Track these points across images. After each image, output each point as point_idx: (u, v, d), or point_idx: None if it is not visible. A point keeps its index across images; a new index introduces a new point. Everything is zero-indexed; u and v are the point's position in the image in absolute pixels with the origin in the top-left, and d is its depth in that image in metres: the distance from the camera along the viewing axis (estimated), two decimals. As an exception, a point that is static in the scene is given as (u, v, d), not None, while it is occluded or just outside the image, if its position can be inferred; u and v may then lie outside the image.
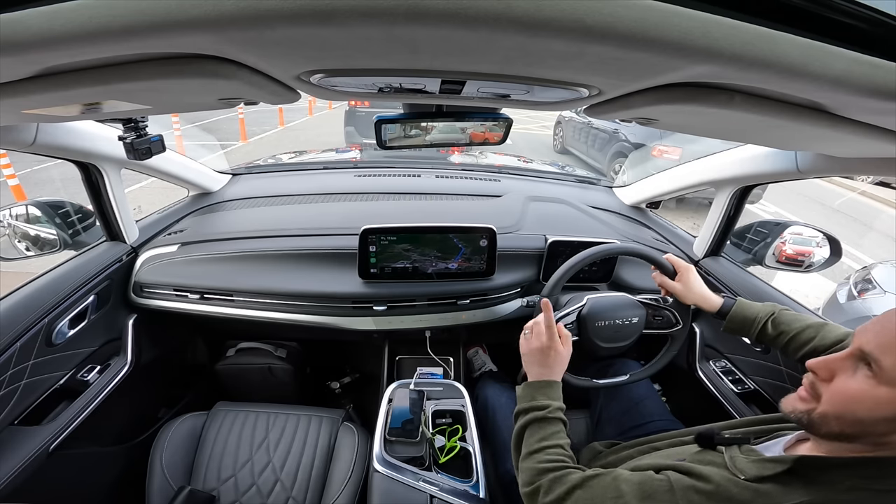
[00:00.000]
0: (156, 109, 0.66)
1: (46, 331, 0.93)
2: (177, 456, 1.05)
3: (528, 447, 0.71)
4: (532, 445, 0.71)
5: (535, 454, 0.69)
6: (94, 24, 0.27)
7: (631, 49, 0.28)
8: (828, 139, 0.57)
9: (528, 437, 0.73)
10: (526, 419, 0.74)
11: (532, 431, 0.73)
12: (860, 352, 0.46)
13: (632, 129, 4.98)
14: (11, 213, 1.02)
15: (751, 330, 0.86)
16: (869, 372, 0.45)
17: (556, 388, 0.78)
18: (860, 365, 0.46)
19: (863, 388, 0.45)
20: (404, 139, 0.70)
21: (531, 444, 0.71)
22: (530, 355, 0.82)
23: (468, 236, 1.13)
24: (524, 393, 0.79)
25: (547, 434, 0.72)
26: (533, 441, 0.71)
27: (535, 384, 0.79)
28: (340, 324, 1.17)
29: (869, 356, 0.45)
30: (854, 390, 0.46)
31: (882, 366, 0.43)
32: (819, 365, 0.50)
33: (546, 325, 0.82)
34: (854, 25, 0.28)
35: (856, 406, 0.46)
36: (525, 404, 0.77)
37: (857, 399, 0.45)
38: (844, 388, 0.47)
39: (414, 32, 0.28)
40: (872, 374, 0.44)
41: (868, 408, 0.44)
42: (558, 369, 0.81)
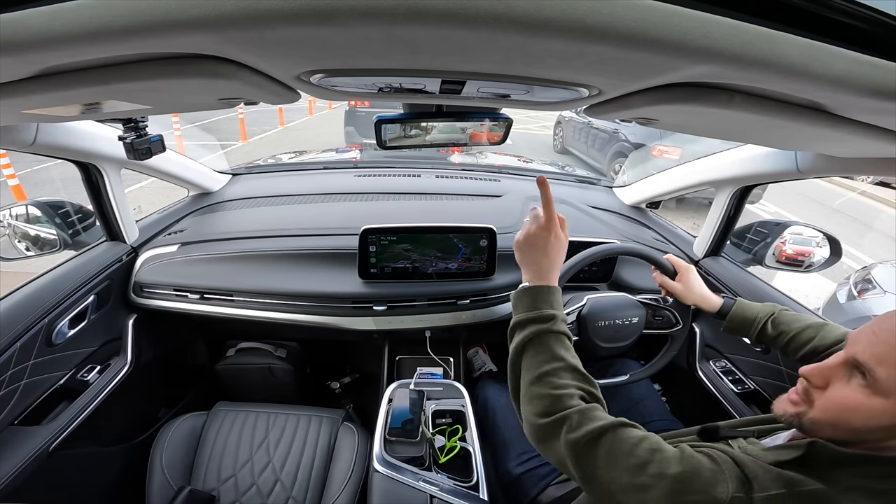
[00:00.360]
0: (156, 109, 0.66)
1: (46, 331, 0.93)
2: (177, 456, 1.05)
3: (538, 368, 0.59)
4: (542, 366, 0.59)
5: (548, 377, 0.58)
6: (94, 24, 0.27)
7: (631, 49, 0.28)
8: (828, 139, 0.57)
9: (534, 356, 0.61)
10: (529, 332, 0.62)
11: (539, 348, 0.61)
12: (854, 360, 0.46)
13: (632, 129, 4.98)
14: (11, 213, 1.02)
15: (751, 330, 0.86)
16: (863, 381, 0.44)
17: (557, 296, 0.66)
18: (854, 373, 0.46)
19: (857, 399, 0.44)
20: (404, 139, 0.70)
21: (541, 365, 0.59)
22: (527, 242, 0.69)
23: (468, 236, 1.13)
24: (522, 299, 0.65)
25: (558, 353, 0.60)
26: (542, 360, 0.60)
27: (534, 290, 0.66)
28: (340, 324, 1.17)
29: (863, 366, 0.44)
30: (848, 400, 0.45)
31: (876, 377, 0.43)
32: (813, 372, 0.50)
33: (544, 204, 0.68)
34: (854, 25, 0.28)
35: (850, 415, 0.45)
36: (525, 314, 0.63)
37: (850, 409, 0.45)
38: (839, 397, 0.46)
39: (414, 32, 0.28)
40: (866, 384, 0.44)
41: (863, 417, 0.44)
42: (558, 261, 0.69)
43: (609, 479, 0.50)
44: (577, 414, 0.54)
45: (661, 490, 0.46)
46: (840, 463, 0.46)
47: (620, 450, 0.50)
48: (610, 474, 0.50)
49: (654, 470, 0.48)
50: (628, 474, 0.49)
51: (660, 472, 0.47)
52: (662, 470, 0.47)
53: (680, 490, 0.46)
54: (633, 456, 0.50)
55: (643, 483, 0.47)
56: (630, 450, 0.50)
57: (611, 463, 0.50)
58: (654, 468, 0.48)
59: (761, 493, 0.44)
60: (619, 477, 0.49)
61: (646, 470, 0.48)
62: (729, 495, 0.44)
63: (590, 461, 0.51)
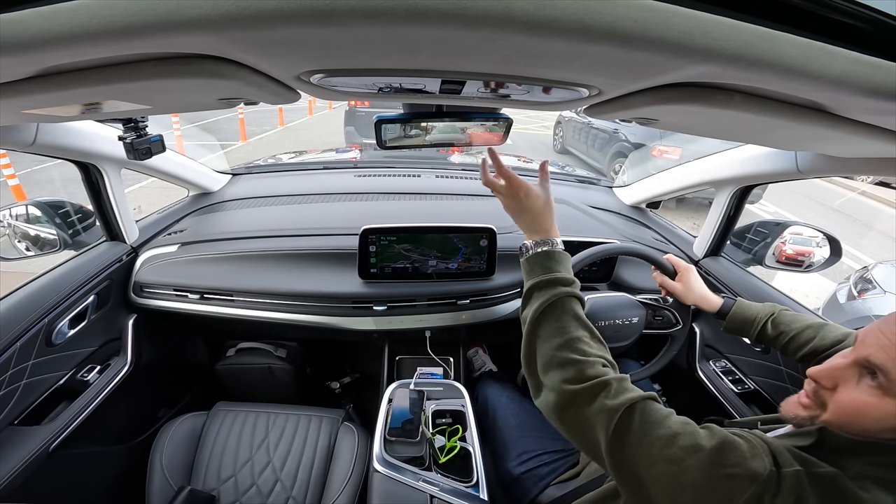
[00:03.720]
0: (156, 109, 0.66)
1: (46, 331, 0.93)
2: (177, 456, 1.05)
3: (566, 333, 0.57)
4: (570, 331, 0.57)
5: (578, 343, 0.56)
6: (94, 24, 0.27)
7: (631, 49, 0.28)
8: (828, 139, 0.57)
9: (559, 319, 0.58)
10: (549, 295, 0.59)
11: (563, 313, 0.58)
12: (866, 362, 0.45)
13: (632, 129, 4.98)
14: (11, 213, 1.02)
15: (751, 330, 0.86)
16: (873, 382, 0.44)
17: (569, 262, 0.65)
18: (864, 374, 0.46)
19: (869, 401, 0.44)
20: (404, 139, 0.70)
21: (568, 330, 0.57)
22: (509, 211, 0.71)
23: (468, 236, 1.13)
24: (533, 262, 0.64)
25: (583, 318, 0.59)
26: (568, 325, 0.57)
27: (547, 253, 0.64)
28: (340, 324, 1.17)
29: (876, 367, 0.44)
30: (860, 402, 0.45)
31: (891, 378, 0.43)
32: (821, 374, 0.49)
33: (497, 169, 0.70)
34: (854, 25, 0.28)
35: (862, 418, 0.45)
36: (544, 276, 0.61)
37: (863, 411, 0.45)
38: (850, 399, 0.46)
39: (414, 33, 0.28)
40: (878, 385, 0.44)
41: (875, 419, 0.44)
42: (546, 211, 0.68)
43: (639, 450, 0.49)
44: (615, 381, 0.53)
45: (697, 462, 0.46)
46: (850, 450, 0.46)
47: (652, 419, 0.50)
48: (640, 445, 0.49)
49: (686, 442, 0.47)
50: (659, 445, 0.48)
51: (693, 444, 0.47)
52: (696, 441, 0.47)
53: (717, 462, 0.45)
54: (664, 427, 0.49)
55: (673, 455, 0.47)
56: (661, 420, 0.50)
57: (644, 432, 0.49)
58: (687, 440, 0.47)
59: (788, 469, 0.44)
60: (650, 447, 0.48)
61: (676, 441, 0.47)
62: (766, 468, 0.44)
63: (625, 429, 0.50)
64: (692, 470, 0.46)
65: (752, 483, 0.43)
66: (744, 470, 0.44)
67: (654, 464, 0.48)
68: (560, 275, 0.62)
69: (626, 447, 0.50)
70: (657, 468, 0.47)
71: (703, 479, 0.45)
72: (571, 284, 0.62)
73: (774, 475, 0.44)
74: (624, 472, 0.50)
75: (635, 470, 0.49)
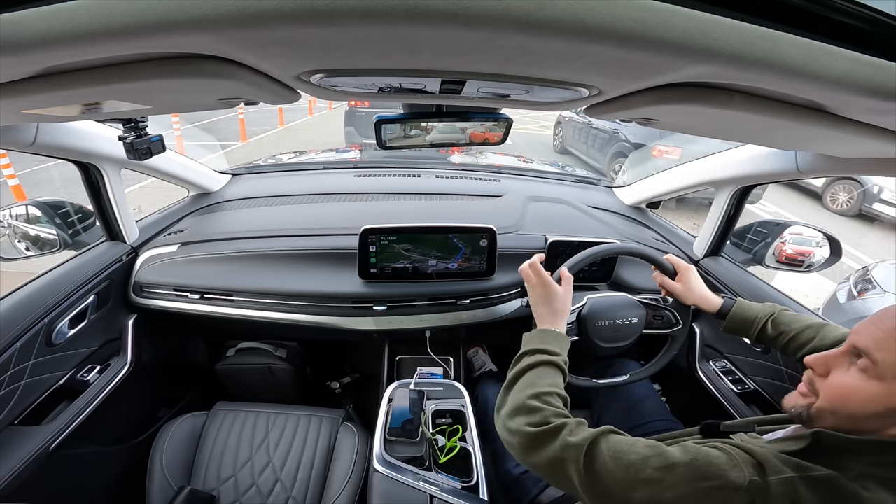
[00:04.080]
0: (156, 109, 0.66)
1: (46, 331, 0.93)
2: (177, 456, 1.05)
3: (538, 388, 0.64)
4: (543, 388, 0.63)
5: (548, 396, 0.62)
6: (94, 25, 0.27)
7: (631, 49, 0.28)
8: (828, 139, 0.57)
9: (537, 378, 0.65)
10: (536, 359, 0.68)
11: (541, 374, 0.66)
12: (854, 348, 0.48)
13: (632, 129, 4.98)
14: (11, 213, 1.02)
15: (751, 330, 0.86)
16: (862, 367, 0.46)
17: (564, 342, 0.73)
18: (854, 361, 0.48)
19: (855, 383, 0.46)
20: (404, 139, 0.70)
21: (541, 387, 0.64)
22: (532, 295, 0.81)
23: (468, 236, 1.13)
24: (533, 337, 0.74)
25: (559, 383, 0.65)
26: (544, 383, 0.64)
27: (544, 332, 0.74)
28: (340, 324, 1.17)
29: (862, 352, 0.46)
30: (846, 385, 0.47)
31: (873, 360, 0.45)
32: (816, 361, 0.52)
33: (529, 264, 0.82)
34: (854, 25, 0.28)
35: (848, 401, 0.47)
36: (535, 345, 0.70)
37: (849, 394, 0.47)
38: (838, 382, 0.48)
39: (414, 33, 0.28)
40: (862, 368, 0.46)
41: (860, 402, 0.46)
42: (561, 315, 0.77)
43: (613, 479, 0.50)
44: (573, 423, 0.58)
45: (677, 478, 0.47)
46: (849, 450, 0.47)
47: (619, 448, 0.52)
48: (614, 474, 0.50)
49: (659, 462, 0.49)
50: (633, 470, 0.49)
51: (667, 464, 0.48)
52: (669, 461, 0.48)
53: (698, 476, 0.46)
54: (633, 452, 0.51)
55: (649, 477, 0.48)
56: (628, 448, 0.52)
57: (615, 461, 0.51)
58: (658, 461, 0.49)
59: (775, 477, 0.45)
60: (625, 474, 0.50)
61: (649, 463, 0.49)
62: (746, 479, 0.45)
63: (594, 461, 0.52)
64: (672, 487, 0.46)
65: (735, 494, 0.44)
66: (724, 482, 0.45)
67: (634, 489, 0.48)
68: (550, 347, 0.69)
69: (601, 479, 0.51)
70: (638, 492, 0.48)
71: (688, 494, 0.46)
72: (557, 356, 0.68)
73: (758, 485, 0.44)
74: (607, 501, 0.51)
75: (614, 499, 0.50)
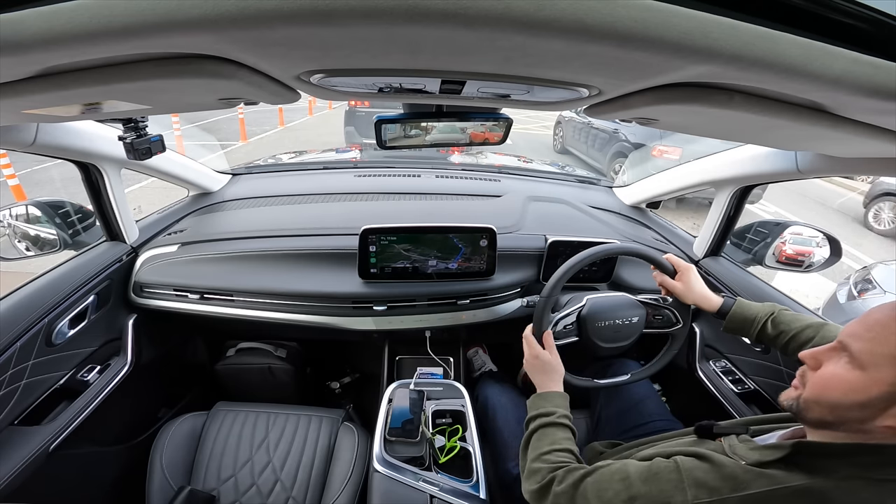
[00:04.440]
0: (156, 109, 0.66)
1: (46, 331, 0.93)
2: (177, 456, 1.05)
3: (538, 450, 0.74)
4: (542, 448, 0.73)
5: (546, 455, 0.72)
6: (94, 25, 0.27)
7: (631, 49, 0.28)
8: (828, 139, 0.57)
9: (536, 442, 0.75)
10: (535, 425, 0.78)
11: (541, 436, 0.75)
12: (840, 343, 0.50)
13: (632, 129, 4.98)
14: (11, 213, 1.02)
15: (750, 330, 0.86)
16: (847, 359, 0.49)
17: (559, 398, 0.82)
18: (842, 354, 0.50)
19: (837, 373, 0.49)
20: (404, 139, 0.70)
21: (541, 448, 0.74)
22: (526, 366, 0.89)
23: (468, 236, 1.13)
24: (531, 403, 0.83)
25: (556, 438, 0.74)
26: (543, 444, 0.74)
27: (540, 394, 0.84)
28: (340, 324, 1.17)
29: (843, 345, 0.49)
30: (829, 375, 0.50)
31: (851, 351, 0.48)
32: (807, 355, 0.55)
33: (524, 335, 0.91)
34: (854, 25, 0.28)
35: (831, 391, 0.49)
36: (533, 412, 0.81)
37: (831, 383, 0.49)
38: (824, 373, 0.51)
39: (414, 33, 0.28)
40: (848, 360, 0.48)
41: (842, 392, 0.48)
42: (553, 376, 0.86)
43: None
44: (562, 471, 0.66)
45: None
46: (832, 454, 0.48)
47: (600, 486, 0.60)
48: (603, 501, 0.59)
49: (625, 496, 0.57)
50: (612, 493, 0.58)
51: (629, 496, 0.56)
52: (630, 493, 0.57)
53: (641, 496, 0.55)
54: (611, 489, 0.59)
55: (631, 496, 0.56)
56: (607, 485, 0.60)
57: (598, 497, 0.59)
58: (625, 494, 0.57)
59: (738, 493, 0.49)
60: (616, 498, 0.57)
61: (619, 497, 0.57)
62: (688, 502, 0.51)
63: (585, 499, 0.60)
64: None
65: None
66: None
67: None
68: (545, 409, 0.79)
69: None
70: None
71: None
72: (552, 415, 0.78)
73: None
74: None
75: None
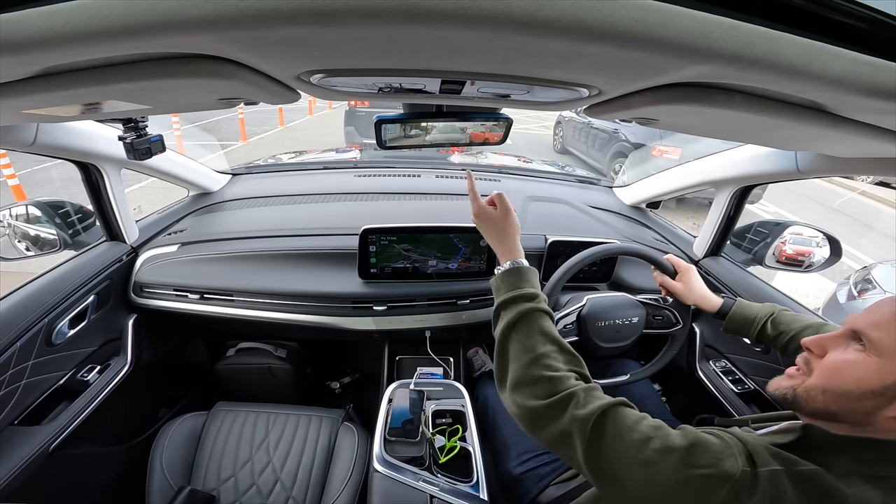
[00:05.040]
0: (156, 109, 0.66)
1: (46, 331, 0.93)
2: (177, 456, 1.04)
3: (531, 351, 0.59)
4: (535, 348, 0.58)
5: (544, 360, 0.58)
6: (94, 25, 0.27)
7: (631, 49, 0.28)
8: (828, 139, 0.57)
9: (526, 338, 0.60)
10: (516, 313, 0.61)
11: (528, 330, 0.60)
12: (851, 332, 0.49)
13: (632, 129, 4.98)
14: (11, 213, 1.02)
15: (750, 330, 0.86)
16: (859, 346, 0.48)
17: (535, 277, 0.68)
18: (851, 342, 0.49)
19: (852, 359, 0.47)
20: (404, 139, 0.70)
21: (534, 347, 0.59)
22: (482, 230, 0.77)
23: (468, 236, 1.13)
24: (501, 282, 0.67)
25: (548, 332, 0.60)
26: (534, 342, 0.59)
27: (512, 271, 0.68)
28: (340, 324, 1.17)
29: (860, 333, 0.48)
30: (843, 361, 0.48)
31: (870, 339, 0.46)
32: (813, 342, 0.53)
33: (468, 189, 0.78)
34: (854, 25, 0.28)
35: (844, 377, 0.48)
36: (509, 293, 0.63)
37: (845, 369, 0.48)
38: (835, 359, 0.49)
39: (414, 33, 0.28)
40: (862, 349, 0.47)
41: (855, 378, 0.46)
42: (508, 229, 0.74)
43: (614, 455, 0.50)
44: (583, 392, 0.55)
45: (670, 463, 0.46)
46: (835, 447, 0.48)
47: (624, 425, 0.51)
48: (615, 450, 0.50)
49: (659, 444, 0.48)
50: (633, 449, 0.49)
51: (665, 446, 0.48)
52: (668, 444, 0.48)
53: (690, 463, 0.46)
54: (636, 431, 0.50)
55: (647, 458, 0.48)
56: (632, 426, 0.51)
57: (616, 438, 0.50)
58: (658, 443, 0.48)
59: (764, 468, 0.45)
60: (625, 451, 0.49)
61: (649, 444, 0.48)
62: (738, 469, 0.45)
63: (599, 436, 0.51)
64: (666, 472, 0.46)
65: (726, 483, 0.44)
66: (717, 470, 0.45)
67: (630, 469, 0.48)
68: (524, 290, 0.63)
69: (602, 454, 0.50)
70: (633, 473, 0.48)
71: (677, 480, 0.46)
72: (535, 299, 0.62)
73: (749, 475, 0.44)
74: (604, 479, 0.51)
75: (614, 476, 0.49)
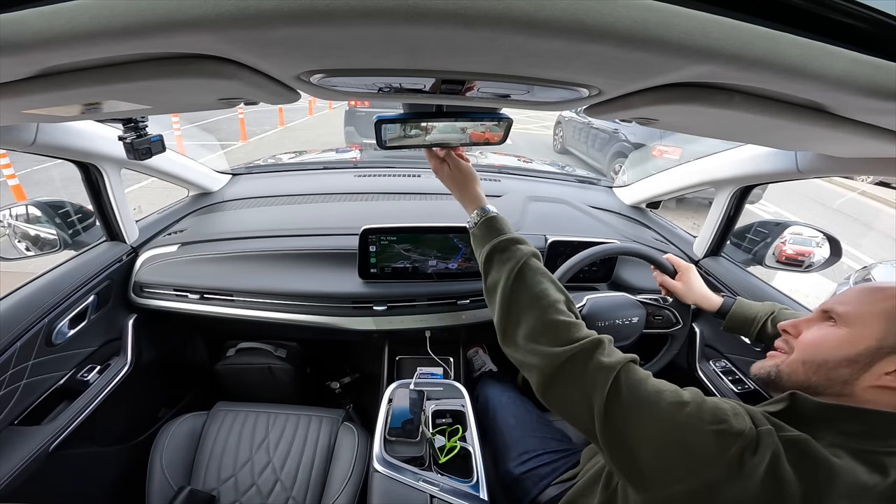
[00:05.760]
0: (156, 109, 0.66)
1: (46, 331, 0.93)
2: (177, 456, 1.05)
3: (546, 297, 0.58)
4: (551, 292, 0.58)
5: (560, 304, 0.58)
6: (94, 25, 0.27)
7: (631, 49, 0.28)
8: (828, 139, 0.57)
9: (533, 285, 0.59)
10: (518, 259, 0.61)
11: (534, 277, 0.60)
12: (822, 312, 0.57)
13: (632, 129, 4.98)
14: (11, 213, 1.02)
15: (750, 329, 0.87)
16: (831, 322, 0.55)
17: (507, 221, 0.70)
18: (824, 322, 0.56)
19: (825, 332, 0.54)
20: (404, 139, 0.70)
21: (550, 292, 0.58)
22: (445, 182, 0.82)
23: (468, 236, 1.13)
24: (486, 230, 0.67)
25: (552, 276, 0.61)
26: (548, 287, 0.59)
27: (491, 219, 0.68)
28: (340, 324, 1.17)
29: (830, 311, 0.55)
30: (818, 335, 0.55)
31: (839, 312, 0.54)
32: (789, 324, 0.61)
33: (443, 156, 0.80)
34: (854, 25, 0.28)
35: (820, 348, 0.53)
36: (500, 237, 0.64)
37: (820, 341, 0.54)
38: (811, 335, 0.56)
39: (414, 33, 0.28)
40: (834, 324, 0.54)
41: (830, 347, 0.52)
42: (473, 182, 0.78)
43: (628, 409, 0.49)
44: (608, 341, 0.56)
45: (684, 417, 0.47)
46: (821, 416, 0.49)
47: (639, 378, 0.51)
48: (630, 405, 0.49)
49: (672, 398, 0.48)
50: (648, 402, 0.49)
51: (678, 400, 0.48)
52: (680, 398, 0.48)
53: (703, 419, 0.46)
54: (650, 384, 0.51)
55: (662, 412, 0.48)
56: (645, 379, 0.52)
57: (632, 392, 0.50)
58: (671, 396, 0.49)
59: (763, 427, 0.47)
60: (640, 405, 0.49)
61: (663, 397, 0.49)
62: (747, 426, 0.46)
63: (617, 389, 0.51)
64: (682, 426, 0.47)
65: (738, 439, 0.45)
66: (729, 427, 0.46)
67: (643, 422, 0.48)
68: (512, 234, 0.64)
69: (619, 407, 0.50)
70: (646, 426, 0.48)
71: (690, 434, 0.46)
72: (526, 243, 0.63)
73: (754, 433, 0.46)
74: (613, 435, 0.50)
75: (624, 430, 0.49)
